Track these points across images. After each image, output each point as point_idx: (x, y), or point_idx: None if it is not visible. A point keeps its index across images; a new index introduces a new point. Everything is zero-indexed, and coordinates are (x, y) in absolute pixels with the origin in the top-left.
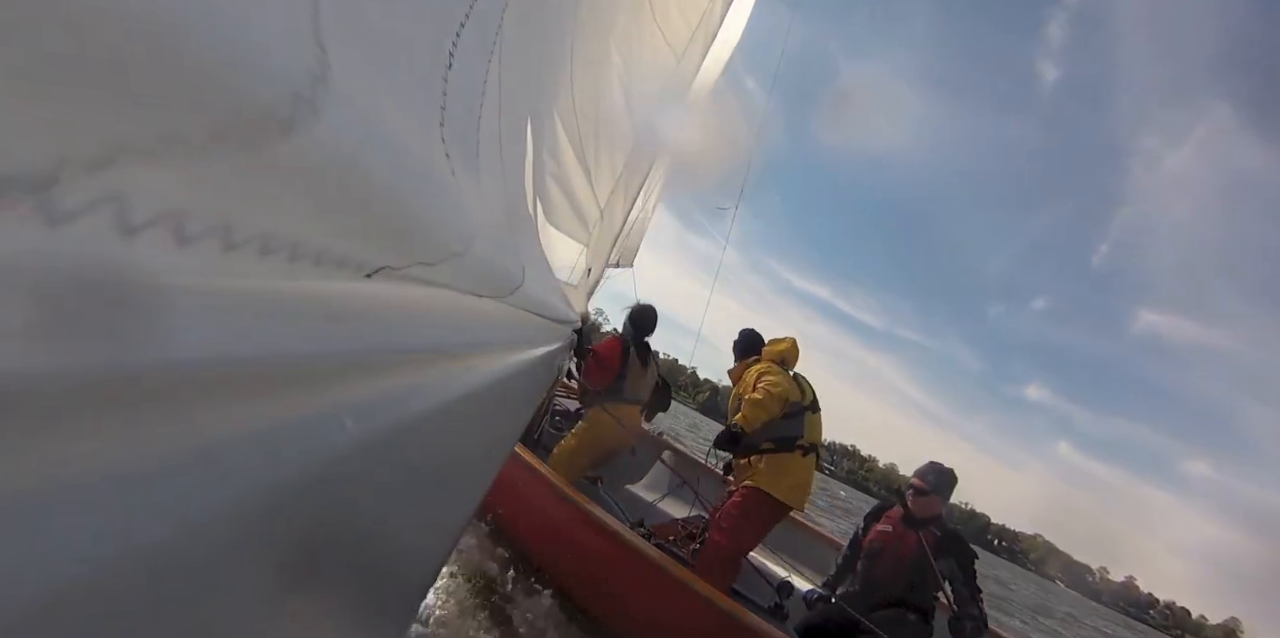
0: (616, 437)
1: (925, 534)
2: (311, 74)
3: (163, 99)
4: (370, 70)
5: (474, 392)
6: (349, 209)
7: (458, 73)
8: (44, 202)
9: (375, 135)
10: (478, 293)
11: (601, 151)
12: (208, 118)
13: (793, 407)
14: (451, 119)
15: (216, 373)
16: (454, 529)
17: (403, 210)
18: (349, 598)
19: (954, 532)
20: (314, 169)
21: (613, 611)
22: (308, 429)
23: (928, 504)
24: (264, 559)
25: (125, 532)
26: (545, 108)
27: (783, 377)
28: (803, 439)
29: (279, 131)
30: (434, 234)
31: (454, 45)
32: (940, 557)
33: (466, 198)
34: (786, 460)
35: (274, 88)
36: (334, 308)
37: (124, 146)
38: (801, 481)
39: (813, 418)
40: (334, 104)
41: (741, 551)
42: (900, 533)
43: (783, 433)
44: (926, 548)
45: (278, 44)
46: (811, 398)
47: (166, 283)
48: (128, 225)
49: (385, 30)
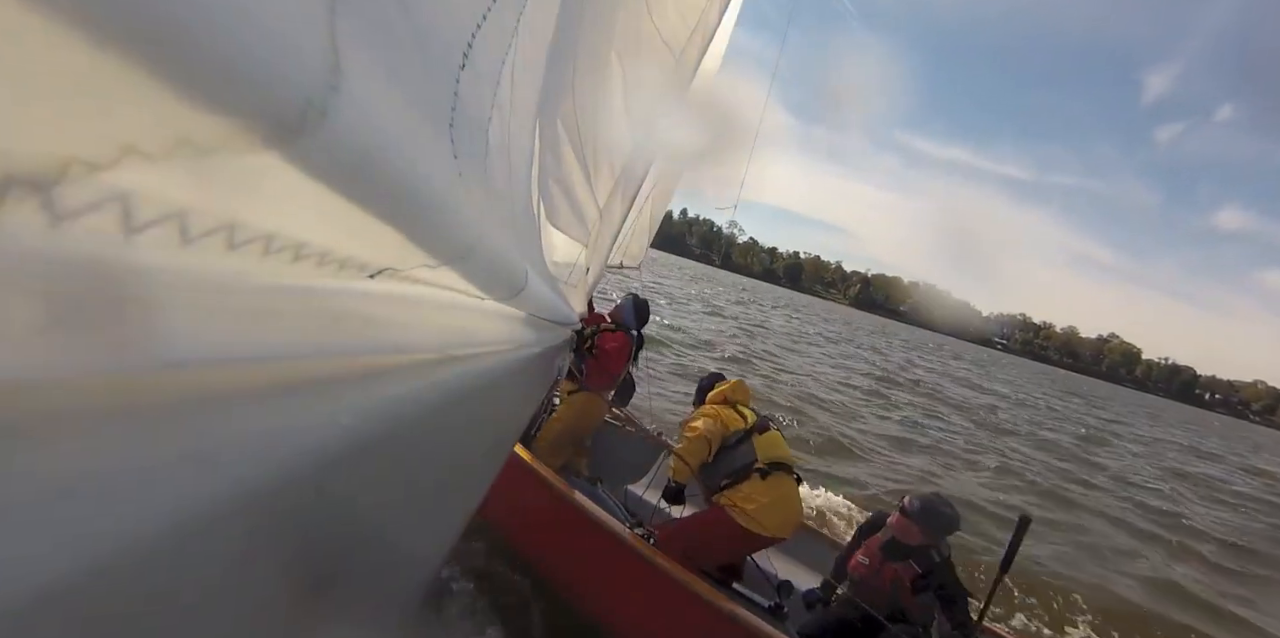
0: (600, 417)
1: (902, 569)
2: (325, 80)
3: (174, 102)
4: (385, 71)
5: (474, 392)
6: (353, 212)
7: (471, 72)
8: (49, 200)
9: (384, 139)
10: (481, 296)
11: (600, 152)
12: (218, 121)
13: (732, 437)
14: (461, 120)
15: (218, 373)
16: (454, 528)
17: (407, 214)
18: (349, 597)
19: (940, 566)
20: (319, 172)
21: (611, 611)
22: (308, 429)
23: (906, 529)
24: (264, 558)
25: (125, 531)
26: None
27: (708, 419)
28: (758, 463)
29: (288, 135)
30: (438, 238)
31: (469, 45)
32: (920, 592)
33: (472, 200)
34: (747, 487)
35: (286, 93)
36: (336, 309)
37: (132, 148)
38: (771, 501)
39: (763, 439)
40: (344, 109)
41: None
42: (876, 566)
43: (734, 464)
44: (905, 585)
45: (293, 49)
46: (754, 421)
47: (169, 282)
48: (132, 225)
49: (403, 33)
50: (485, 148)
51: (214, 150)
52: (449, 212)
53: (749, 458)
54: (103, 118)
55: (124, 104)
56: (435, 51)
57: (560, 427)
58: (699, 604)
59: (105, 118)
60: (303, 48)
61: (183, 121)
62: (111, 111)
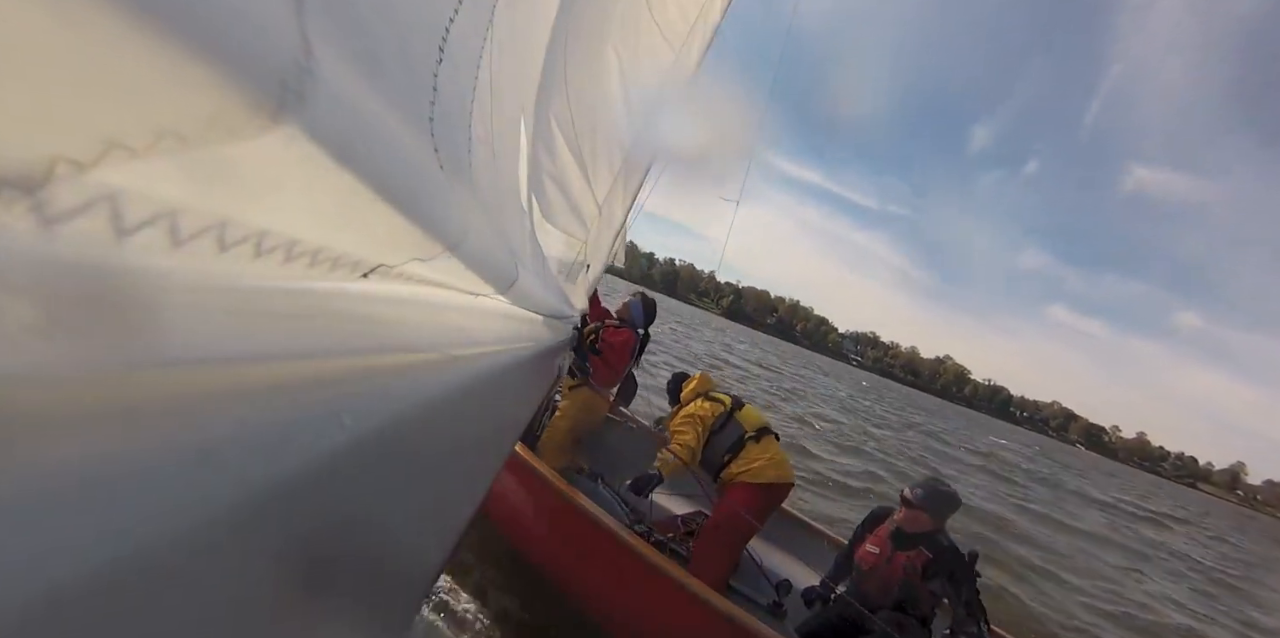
0: (602, 414)
1: (914, 555)
2: (297, 61)
3: (150, 93)
4: (357, 64)
5: (475, 390)
6: (339, 203)
7: (448, 67)
8: (39, 202)
9: (363, 127)
10: (475, 291)
11: (599, 148)
12: (193, 107)
13: (716, 422)
14: (441, 114)
15: (213, 373)
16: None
17: (394, 205)
18: (349, 598)
19: (949, 550)
20: (303, 160)
21: (610, 609)
22: (306, 429)
23: (914, 518)
24: (264, 559)
25: (125, 531)
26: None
27: (689, 418)
28: (748, 432)
29: (267, 120)
30: (426, 229)
31: (444, 40)
32: (932, 578)
33: (456, 193)
34: (747, 453)
35: (260, 74)
36: (331, 307)
37: (116, 142)
38: (771, 457)
39: (743, 413)
40: (321, 92)
41: (736, 539)
42: (887, 554)
43: (728, 441)
44: (916, 571)
45: (261, 35)
46: (730, 402)
47: (163, 284)
48: (122, 226)
49: (373, 23)
50: (469, 142)
51: (195, 140)
52: (435, 203)
53: (739, 431)
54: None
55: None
56: (409, 39)
57: (565, 425)
58: (698, 602)
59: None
60: (270, 27)
61: (159, 109)
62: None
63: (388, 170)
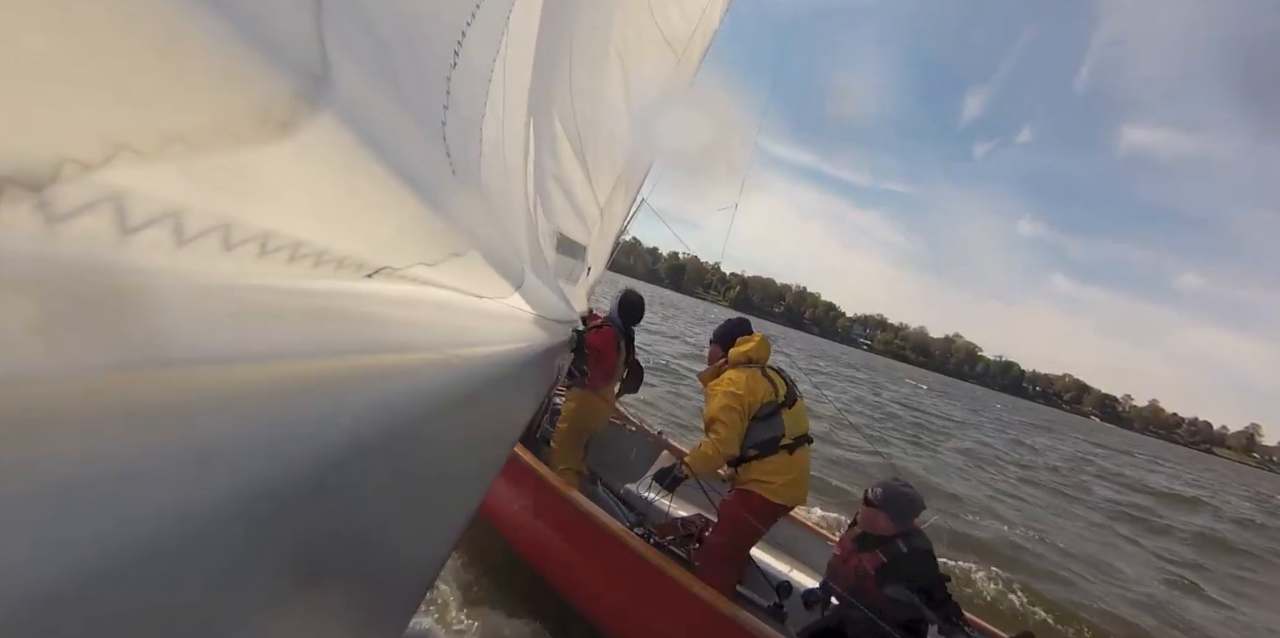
0: (603, 417)
1: (868, 558)
2: (313, 71)
3: (163, 97)
4: (374, 72)
5: (474, 392)
6: (348, 208)
7: (462, 72)
8: (44, 201)
9: (375, 135)
10: (479, 294)
11: (601, 152)
12: (207, 116)
13: (765, 408)
14: (454, 119)
15: (215, 373)
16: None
17: (402, 210)
18: (348, 599)
19: (908, 556)
20: (313, 166)
21: (610, 610)
22: (307, 429)
23: (871, 518)
24: (263, 559)
25: (125, 531)
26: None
27: (734, 400)
28: (785, 438)
29: (279, 128)
30: (434, 234)
31: (459, 44)
32: (890, 583)
33: (467, 198)
34: (774, 463)
35: (274, 85)
36: (334, 308)
37: (124, 145)
38: (795, 477)
39: (790, 412)
40: (335, 101)
41: (741, 550)
42: (845, 556)
43: (763, 436)
44: (868, 574)
45: (278, 42)
46: (785, 391)
47: (166, 284)
48: (127, 225)
49: (391, 30)
50: (479, 146)
51: (205, 145)
52: (444, 208)
53: (777, 432)
54: (92, 114)
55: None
56: (424, 47)
57: (567, 427)
58: (699, 604)
59: (95, 114)
60: (288, 37)
61: (171, 115)
62: (103, 109)
63: (397, 177)
